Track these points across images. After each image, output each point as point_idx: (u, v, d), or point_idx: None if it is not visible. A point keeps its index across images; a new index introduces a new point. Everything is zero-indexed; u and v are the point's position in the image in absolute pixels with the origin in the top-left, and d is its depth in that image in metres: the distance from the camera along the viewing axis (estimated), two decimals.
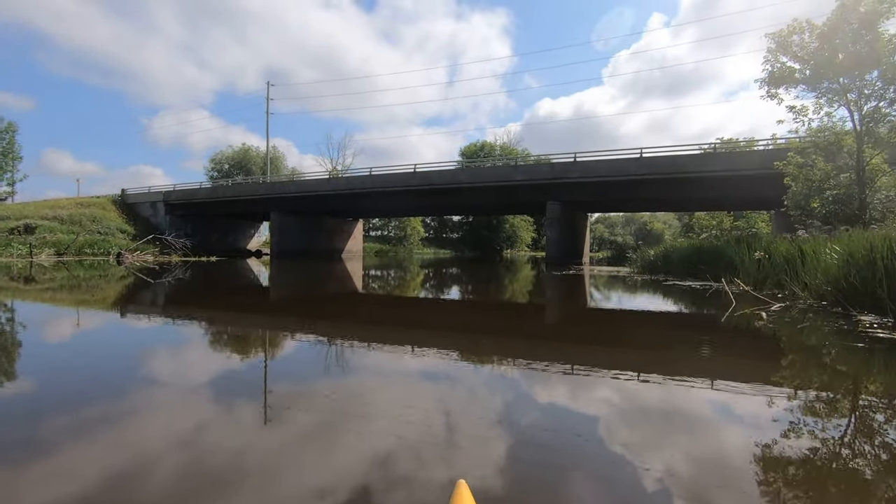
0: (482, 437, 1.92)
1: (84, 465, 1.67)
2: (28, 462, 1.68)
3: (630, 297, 8.10)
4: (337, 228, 34.39)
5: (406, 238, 54.98)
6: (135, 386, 2.71)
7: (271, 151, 53.03)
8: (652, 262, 12.35)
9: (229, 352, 3.82)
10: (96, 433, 1.97)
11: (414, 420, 2.07)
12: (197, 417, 2.17)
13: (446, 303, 7.79)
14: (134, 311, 6.05)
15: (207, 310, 6.43)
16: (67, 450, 1.81)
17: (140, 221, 32.96)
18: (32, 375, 2.95)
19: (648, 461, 1.70)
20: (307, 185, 27.50)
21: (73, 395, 2.51)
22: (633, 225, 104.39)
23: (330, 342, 4.06)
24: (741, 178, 17.59)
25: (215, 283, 11.34)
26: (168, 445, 1.85)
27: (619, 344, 4.19)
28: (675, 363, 3.35)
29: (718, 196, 19.79)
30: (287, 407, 2.29)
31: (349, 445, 1.83)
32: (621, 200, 22.98)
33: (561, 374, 3.05)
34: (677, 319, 5.82)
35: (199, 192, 31.24)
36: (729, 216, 46.22)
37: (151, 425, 2.08)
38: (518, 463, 1.71)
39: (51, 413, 2.21)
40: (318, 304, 7.36)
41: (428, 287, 10.88)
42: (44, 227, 26.42)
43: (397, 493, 1.47)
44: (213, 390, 2.66)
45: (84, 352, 3.73)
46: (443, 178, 23.35)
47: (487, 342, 4.25)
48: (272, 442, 1.88)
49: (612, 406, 2.40)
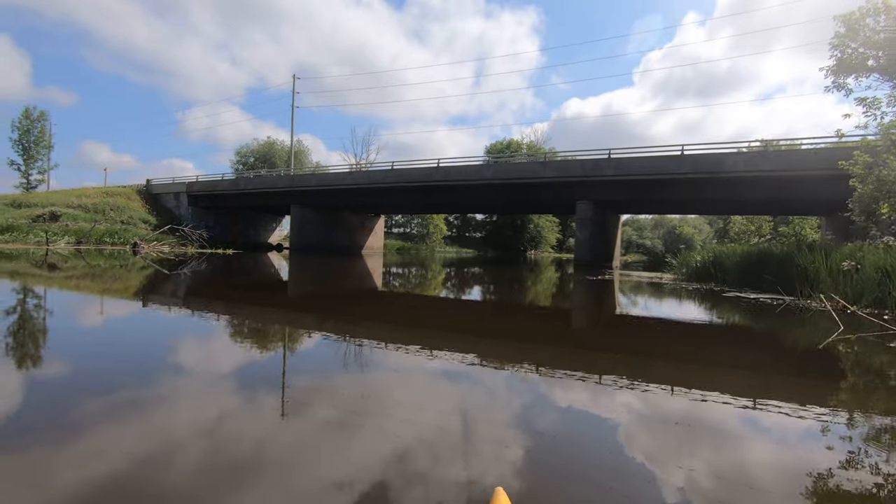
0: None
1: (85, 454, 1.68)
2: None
3: (699, 314, 6.74)
4: (357, 224, 33.70)
5: (428, 236, 54.12)
6: (124, 383, 2.54)
7: (296, 145, 52.91)
8: (700, 269, 10.99)
9: (232, 347, 3.69)
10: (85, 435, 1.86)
11: (434, 426, 1.99)
12: (196, 421, 2.05)
13: (468, 308, 6.76)
14: (129, 302, 5.83)
15: (210, 302, 5.95)
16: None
17: (163, 212, 32.94)
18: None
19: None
20: (327, 179, 26.81)
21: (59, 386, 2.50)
22: (661, 228, 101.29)
23: (338, 342, 3.84)
24: (795, 180, 16.00)
25: (226, 277, 10.63)
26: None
27: (721, 390, 3.08)
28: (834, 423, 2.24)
29: (766, 199, 18.16)
30: (298, 407, 2.23)
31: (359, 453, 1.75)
32: (658, 201, 21.46)
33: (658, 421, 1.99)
34: (782, 348, 4.64)
35: (221, 184, 30.96)
36: (769, 221, 43.82)
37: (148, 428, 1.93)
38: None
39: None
40: (330, 301, 6.50)
41: (449, 288, 9.86)
42: (68, 216, 26.48)
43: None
44: (210, 388, 2.57)
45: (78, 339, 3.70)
46: (467, 173, 22.29)
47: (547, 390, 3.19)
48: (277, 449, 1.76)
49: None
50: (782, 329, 5.20)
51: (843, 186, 15.13)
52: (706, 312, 6.65)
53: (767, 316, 5.97)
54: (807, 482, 1.64)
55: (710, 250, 12.09)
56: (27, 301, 5.77)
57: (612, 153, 19.30)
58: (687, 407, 2.44)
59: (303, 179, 27.69)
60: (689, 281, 10.78)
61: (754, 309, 6.55)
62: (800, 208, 21.86)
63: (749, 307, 6.71)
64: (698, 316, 6.23)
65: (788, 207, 21.27)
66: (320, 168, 35.85)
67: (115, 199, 30.90)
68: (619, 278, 13.05)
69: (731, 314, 6.43)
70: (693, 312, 6.54)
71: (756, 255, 9.36)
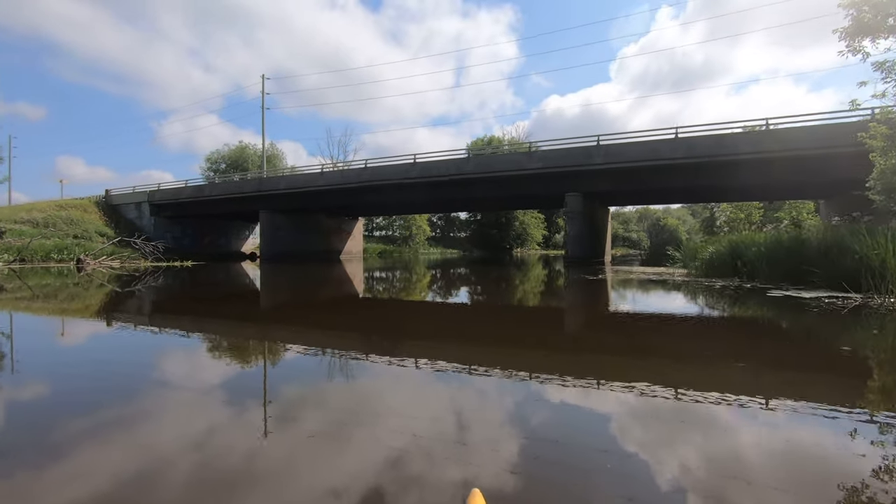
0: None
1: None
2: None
3: (773, 330, 4.93)
4: (334, 228, 31.89)
5: (411, 238, 52.42)
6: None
7: (269, 149, 50.82)
8: (715, 262, 9.50)
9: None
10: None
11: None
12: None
13: (454, 315, 5.16)
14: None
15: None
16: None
17: (124, 224, 30.70)
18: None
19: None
20: (298, 181, 24.97)
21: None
22: (646, 220, 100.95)
23: (298, 359, 3.55)
24: (800, 160, 14.76)
25: (174, 292, 8.89)
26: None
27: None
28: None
29: (765, 183, 16.91)
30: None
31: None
32: (651, 190, 20.13)
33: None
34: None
35: (184, 191, 28.87)
36: (759, 208, 42.90)
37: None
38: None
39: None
40: (296, 311, 4.82)
41: (434, 294, 8.28)
42: (14, 232, 24.22)
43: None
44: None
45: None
46: (446, 168, 20.71)
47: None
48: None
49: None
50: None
51: (848, 164, 13.99)
52: (779, 325, 5.03)
53: (865, 324, 4.49)
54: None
55: (725, 240, 10.65)
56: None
57: (601, 139, 17.90)
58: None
59: (271, 182, 25.79)
60: (707, 277, 9.31)
61: (830, 314, 5.02)
62: (800, 191, 20.70)
63: (822, 312, 5.17)
64: (777, 333, 4.63)
65: (793, 191, 20.04)
66: (292, 169, 33.88)
67: (69, 213, 28.60)
68: (619, 276, 11.58)
69: (824, 327, 4.81)
70: (761, 326, 4.95)
71: (786, 243, 7.92)
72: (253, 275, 16.33)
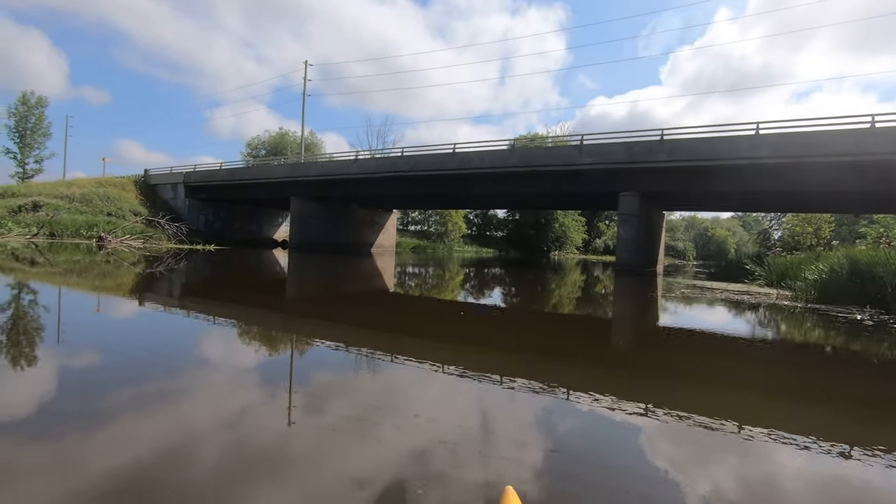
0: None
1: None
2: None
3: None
4: (367, 219, 30.73)
5: (447, 234, 50.93)
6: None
7: (309, 138, 50.49)
8: (831, 284, 7.34)
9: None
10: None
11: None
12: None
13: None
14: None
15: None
16: None
17: (159, 204, 30.57)
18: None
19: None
20: (331, 168, 23.84)
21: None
22: (692, 230, 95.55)
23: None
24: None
25: (190, 279, 7.70)
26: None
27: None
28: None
29: (866, 190, 14.34)
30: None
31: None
32: (719, 194, 17.67)
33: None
34: None
35: (218, 174, 28.34)
36: (829, 222, 38.94)
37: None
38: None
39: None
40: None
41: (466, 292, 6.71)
42: (50, 206, 24.21)
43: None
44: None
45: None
46: (488, 160, 18.99)
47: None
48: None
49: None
50: None
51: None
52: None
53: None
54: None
55: (834, 256, 8.48)
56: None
57: (665, 134, 15.76)
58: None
59: (303, 168, 24.78)
60: (825, 303, 7.21)
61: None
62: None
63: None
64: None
65: (886, 202, 17.23)
66: (328, 156, 33.03)
67: (107, 190, 28.62)
68: (696, 295, 9.59)
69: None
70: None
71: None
72: (279, 263, 15.33)
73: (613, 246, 66.34)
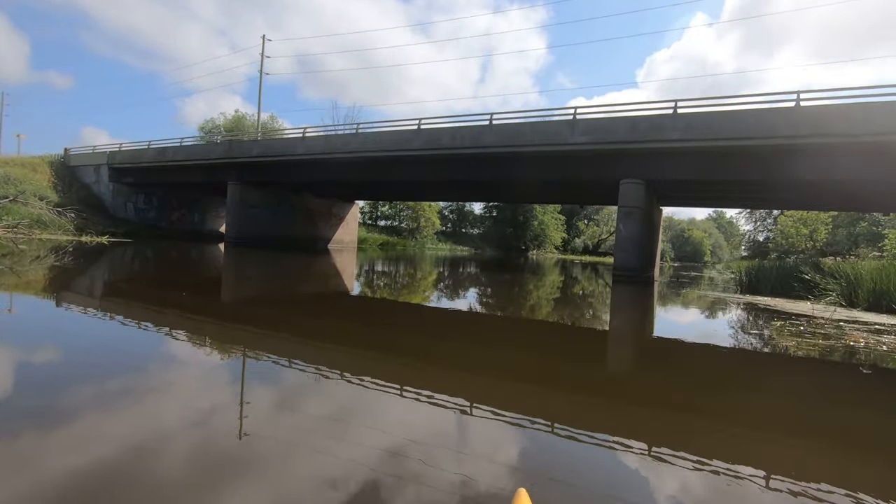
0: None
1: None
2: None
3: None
4: (323, 211, 26.93)
5: (419, 230, 47.39)
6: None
7: (268, 122, 46.10)
8: None
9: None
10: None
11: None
12: None
13: None
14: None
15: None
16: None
17: (79, 189, 26.11)
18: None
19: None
20: (274, 147, 19.99)
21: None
22: (670, 231, 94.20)
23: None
24: None
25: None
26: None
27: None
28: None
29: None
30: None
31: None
32: (743, 184, 14.50)
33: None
34: None
35: (146, 155, 24.06)
36: (826, 223, 36.49)
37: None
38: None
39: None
40: None
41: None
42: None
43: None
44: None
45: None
46: (460, 139, 15.56)
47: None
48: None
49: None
50: None
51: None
52: None
53: None
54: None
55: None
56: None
57: (679, 106, 12.62)
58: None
59: (243, 147, 20.82)
60: None
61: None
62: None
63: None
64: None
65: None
66: (270, 132, 28.91)
67: (10, 170, 23.99)
68: (804, 335, 6.37)
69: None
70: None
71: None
72: (201, 261, 11.75)
73: (593, 245, 64.05)
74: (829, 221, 32.56)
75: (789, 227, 34.80)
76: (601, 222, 64.57)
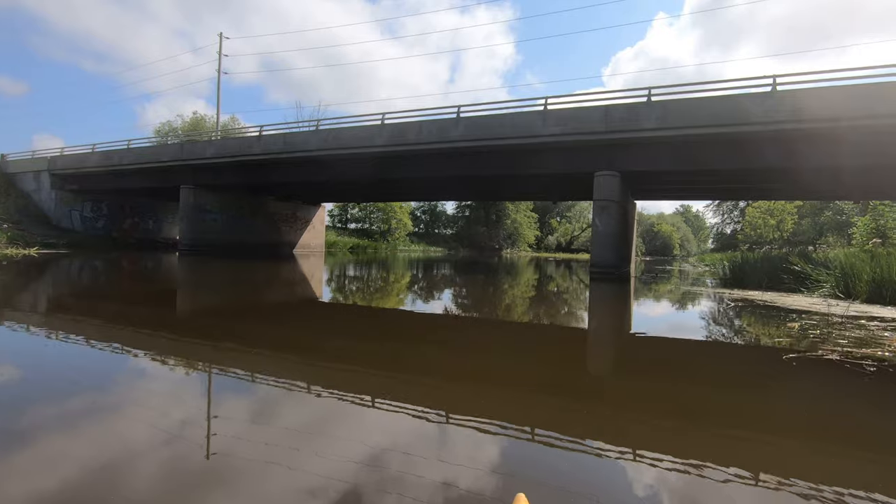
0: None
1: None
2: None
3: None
4: (287, 215, 25.65)
5: (390, 232, 46.32)
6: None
7: (229, 123, 44.12)
8: None
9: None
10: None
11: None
12: None
13: None
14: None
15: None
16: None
17: (17, 198, 24.10)
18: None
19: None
20: (229, 147, 18.70)
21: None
22: (640, 225, 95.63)
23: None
24: None
25: None
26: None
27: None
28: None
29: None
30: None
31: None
32: (726, 174, 14.09)
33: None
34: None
35: (90, 159, 22.32)
36: (792, 214, 37.02)
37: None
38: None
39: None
40: None
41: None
42: None
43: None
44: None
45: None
46: (427, 134, 14.73)
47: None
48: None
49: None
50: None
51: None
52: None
53: None
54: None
55: None
56: None
57: (652, 94, 12.11)
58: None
59: (196, 149, 19.44)
60: None
61: None
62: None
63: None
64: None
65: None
66: (229, 131, 27.45)
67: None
68: (800, 328, 5.70)
69: None
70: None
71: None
72: (141, 272, 10.57)
73: (566, 242, 64.28)
74: (794, 212, 33.07)
75: (757, 219, 35.18)
76: (573, 219, 64.85)
